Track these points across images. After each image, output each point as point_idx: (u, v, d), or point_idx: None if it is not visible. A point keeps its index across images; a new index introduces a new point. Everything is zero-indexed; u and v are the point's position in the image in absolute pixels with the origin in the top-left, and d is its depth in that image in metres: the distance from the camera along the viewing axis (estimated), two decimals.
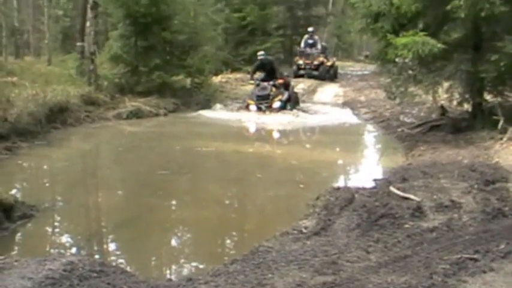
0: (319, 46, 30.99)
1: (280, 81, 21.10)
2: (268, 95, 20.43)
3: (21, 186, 11.06)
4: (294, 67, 30.59)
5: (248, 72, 30.44)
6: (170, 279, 6.19)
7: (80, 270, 5.71)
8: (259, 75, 22.04)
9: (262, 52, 22.30)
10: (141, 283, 5.84)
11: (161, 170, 12.29)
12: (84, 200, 10.37)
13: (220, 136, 16.66)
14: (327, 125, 18.95)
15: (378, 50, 15.36)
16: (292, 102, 20.98)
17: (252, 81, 21.75)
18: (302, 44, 31.47)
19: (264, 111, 19.99)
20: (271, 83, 20.86)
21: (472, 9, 12.41)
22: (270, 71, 21.45)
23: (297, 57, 31.16)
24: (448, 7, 12.63)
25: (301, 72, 30.25)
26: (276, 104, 20.20)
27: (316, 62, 30.08)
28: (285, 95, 20.75)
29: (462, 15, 12.63)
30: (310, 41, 31.12)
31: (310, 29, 32.21)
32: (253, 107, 20.35)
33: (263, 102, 20.27)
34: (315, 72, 29.94)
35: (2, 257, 6.28)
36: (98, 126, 18.01)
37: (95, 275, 5.72)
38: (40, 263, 5.81)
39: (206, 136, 16.73)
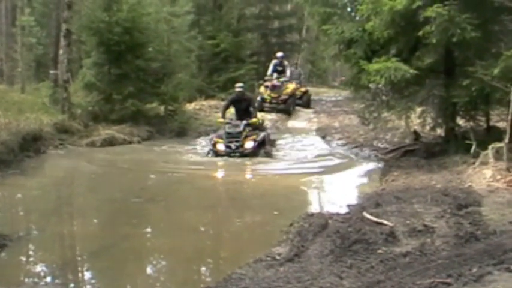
0: (288, 73, 27.86)
1: (255, 120, 18.16)
2: (240, 133, 17.43)
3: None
4: (259, 98, 26.74)
5: (222, 99, 30.41)
6: None
7: None
8: (231, 113, 19.17)
9: (240, 84, 19.41)
10: None
11: (135, 197, 12.27)
12: (58, 228, 10.30)
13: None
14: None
15: (351, 76, 15.47)
16: (267, 145, 18.12)
17: (220, 120, 18.59)
18: (269, 70, 28.24)
19: (233, 153, 17.13)
20: (244, 122, 17.81)
21: (444, 35, 12.55)
22: (244, 110, 18.45)
23: (262, 88, 27.63)
24: (420, 33, 12.77)
25: (267, 106, 26.91)
26: (249, 144, 17.25)
27: (283, 97, 26.84)
28: (260, 136, 17.76)
29: (434, 40, 12.77)
30: (279, 68, 27.94)
31: (279, 54, 28.91)
32: (221, 147, 17.35)
33: (233, 140, 17.30)
34: (282, 106, 26.93)
35: None
36: (71, 155, 17.91)
37: None
38: None
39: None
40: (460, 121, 14.72)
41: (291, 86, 27.48)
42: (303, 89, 29.43)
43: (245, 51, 33.64)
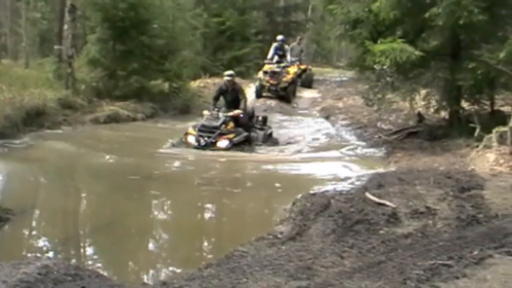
0: (288, 58, 26.22)
1: (237, 112, 15.73)
2: (216, 128, 15.12)
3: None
4: (257, 84, 25.86)
5: None
6: (145, 283, 6.21)
7: (55, 273, 5.74)
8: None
9: (230, 72, 16.75)
10: (115, 287, 5.87)
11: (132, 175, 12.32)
12: (60, 203, 10.38)
13: None
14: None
15: (356, 57, 15.42)
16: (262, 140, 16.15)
17: (205, 113, 16.06)
18: (270, 54, 26.65)
19: (201, 149, 14.77)
20: (229, 114, 15.57)
21: (451, 17, 12.52)
22: (233, 101, 16.14)
23: (261, 74, 25.78)
24: (427, 15, 12.75)
25: (265, 94, 25.41)
26: (222, 143, 14.94)
27: (283, 84, 25.06)
28: (240, 136, 15.39)
29: (440, 23, 12.75)
30: (280, 52, 26.40)
31: (279, 37, 27.38)
32: (191, 139, 15.08)
33: (205, 135, 14.96)
34: (282, 93, 25.13)
35: None
36: (74, 130, 17.95)
37: (70, 278, 5.75)
38: (15, 266, 5.83)
39: None
40: (465, 104, 14.68)
41: (292, 72, 25.86)
42: (302, 67, 28.31)
43: (250, 30, 33.54)
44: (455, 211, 7.95)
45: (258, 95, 25.21)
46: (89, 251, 8.15)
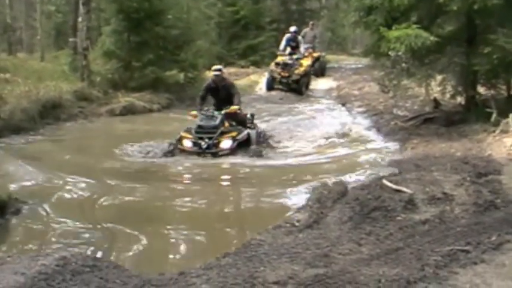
0: (302, 49, 25.40)
1: (234, 107, 13.94)
2: (216, 127, 13.36)
3: (15, 181, 10.92)
4: (268, 77, 25.07)
5: (242, 66, 30.29)
6: (162, 273, 6.21)
7: (73, 265, 5.77)
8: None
9: (218, 67, 14.70)
10: (133, 277, 5.89)
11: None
12: (75, 194, 10.45)
13: None
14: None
15: (371, 44, 15.38)
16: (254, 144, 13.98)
17: (193, 114, 14.02)
18: (282, 45, 25.81)
19: (203, 153, 13.09)
20: (226, 111, 13.80)
21: (465, 2, 12.48)
22: (224, 99, 14.18)
23: (273, 65, 24.95)
24: (441, 0, 12.67)
25: (277, 86, 24.62)
26: (226, 143, 13.23)
27: (295, 76, 24.13)
28: (243, 133, 13.78)
29: (455, 8, 12.68)
30: (293, 44, 25.52)
31: (292, 28, 26.28)
32: (188, 143, 13.29)
33: (205, 136, 13.17)
34: (294, 86, 24.27)
35: None
36: (90, 122, 18.04)
37: (88, 269, 5.79)
38: (33, 258, 5.88)
39: None
40: (481, 89, 14.63)
41: (305, 64, 24.97)
42: (315, 54, 27.50)
43: (265, 19, 33.54)
44: (473, 196, 7.93)
45: (269, 87, 24.74)
46: (105, 241, 8.16)
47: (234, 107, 13.86)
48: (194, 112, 13.99)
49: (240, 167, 12.41)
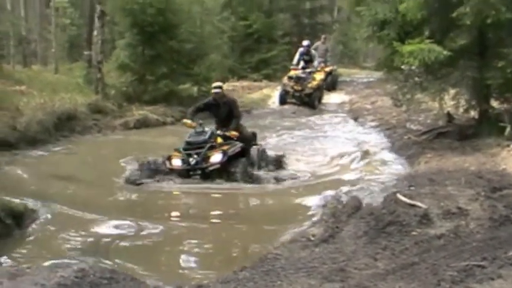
0: (315, 63, 25.42)
1: (234, 133, 13.11)
2: (205, 142, 12.51)
3: (31, 192, 11.00)
4: (281, 91, 24.98)
5: (254, 80, 30.29)
6: (180, 286, 6.24)
7: (91, 277, 5.80)
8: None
9: (218, 84, 13.86)
10: None
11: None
12: (93, 206, 10.47)
13: None
14: None
15: (384, 58, 15.44)
16: (255, 162, 13.46)
17: (188, 122, 13.29)
18: (295, 59, 25.83)
19: (191, 172, 12.31)
20: (219, 132, 13.02)
21: (478, 16, 12.50)
22: (226, 118, 13.38)
23: (286, 79, 24.95)
24: (454, 14, 12.70)
25: (289, 100, 24.54)
26: (216, 157, 12.34)
27: (308, 90, 24.12)
28: (235, 147, 12.94)
29: (468, 22, 12.70)
30: (306, 57, 25.56)
31: (305, 42, 26.45)
32: (177, 162, 12.45)
33: (193, 152, 12.36)
34: (306, 100, 24.20)
35: (14, 264, 6.43)
36: (104, 135, 18.14)
37: (106, 281, 5.82)
38: (52, 269, 5.94)
39: None
40: (494, 103, 14.61)
41: (318, 78, 24.97)
42: (327, 69, 27.27)
43: (277, 32, 33.63)
44: (488, 211, 7.89)
45: (282, 101, 24.69)
46: (122, 252, 8.19)
47: (233, 133, 13.06)
48: (189, 122, 13.21)
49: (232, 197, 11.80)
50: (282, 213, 10.32)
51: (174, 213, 10.66)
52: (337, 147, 16.00)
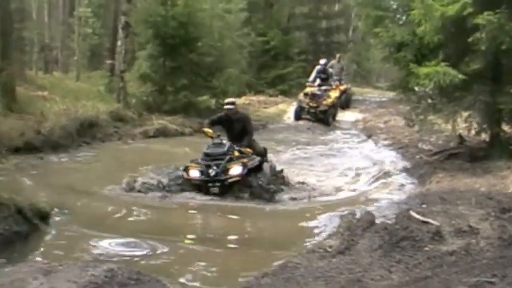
0: (331, 82, 25.75)
1: (248, 150, 12.92)
2: (225, 154, 12.19)
3: (57, 194, 11.23)
4: (297, 107, 25.22)
5: (270, 95, 30.49)
6: None
7: (119, 277, 5.99)
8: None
9: (231, 100, 13.72)
10: None
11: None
12: (116, 207, 10.78)
13: None
14: None
15: (399, 79, 15.51)
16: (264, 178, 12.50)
17: (208, 131, 12.93)
18: (312, 76, 25.93)
19: (210, 184, 11.88)
20: (235, 147, 12.62)
21: (493, 42, 12.60)
22: (239, 134, 13.05)
23: (302, 95, 25.14)
24: (470, 39, 12.79)
25: (304, 116, 24.64)
26: (236, 170, 11.96)
27: (323, 107, 24.25)
28: (253, 161, 12.64)
29: (483, 47, 12.80)
30: (323, 75, 25.70)
31: (322, 61, 26.57)
32: (195, 173, 12.02)
33: (212, 163, 11.98)
34: (321, 116, 24.27)
35: (46, 261, 6.64)
36: (125, 143, 18.40)
37: (133, 282, 6.01)
38: (83, 268, 6.10)
39: None
40: (505, 127, 14.68)
41: (333, 96, 25.17)
42: (342, 88, 27.28)
43: (294, 49, 33.98)
44: (497, 231, 8.00)
45: (297, 116, 24.83)
46: (145, 254, 8.34)
47: (247, 150, 12.83)
48: (210, 130, 12.85)
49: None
50: (298, 233, 10.12)
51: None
52: (351, 164, 16.14)
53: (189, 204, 11.54)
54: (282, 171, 13.67)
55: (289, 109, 26.43)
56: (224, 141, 12.49)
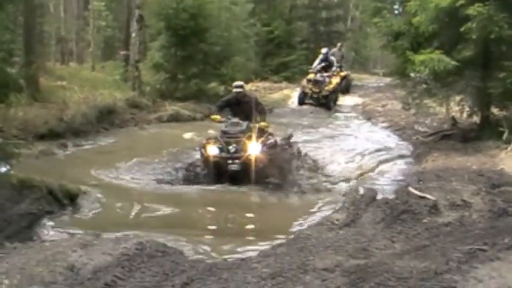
0: (334, 68, 25.61)
1: (265, 124, 12.14)
2: (243, 132, 11.60)
3: (81, 178, 11.39)
4: (300, 93, 25.20)
5: (275, 82, 30.64)
6: (225, 259, 6.71)
7: (148, 249, 6.31)
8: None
9: (239, 83, 12.85)
10: (199, 262, 6.38)
11: None
12: (138, 187, 11.09)
13: None
14: None
15: (397, 65, 15.71)
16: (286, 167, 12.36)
17: (217, 117, 12.32)
18: (315, 63, 25.90)
19: (229, 161, 11.32)
20: (250, 124, 11.85)
21: (483, 31, 12.75)
22: (248, 115, 12.10)
23: (305, 82, 25.12)
24: (462, 29, 12.94)
25: (307, 101, 24.73)
26: (255, 148, 11.33)
27: (325, 92, 24.27)
28: (271, 140, 12.30)
29: (474, 36, 12.96)
30: (325, 63, 25.73)
31: (323, 50, 26.74)
32: (213, 150, 11.39)
33: (231, 141, 11.46)
34: (323, 101, 24.32)
35: (81, 232, 6.99)
36: (141, 129, 18.72)
37: (160, 254, 6.32)
38: (115, 242, 6.43)
39: None
40: (494, 110, 14.78)
41: (334, 82, 25.05)
42: (342, 74, 27.23)
43: (296, 38, 33.99)
44: (488, 204, 8.25)
45: (301, 101, 24.95)
46: (169, 228, 8.62)
47: (263, 124, 12.08)
48: (217, 117, 12.28)
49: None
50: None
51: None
52: (353, 145, 16.37)
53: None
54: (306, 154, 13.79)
55: (293, 94, 26.49)
56: (241, 121, 11.83)
